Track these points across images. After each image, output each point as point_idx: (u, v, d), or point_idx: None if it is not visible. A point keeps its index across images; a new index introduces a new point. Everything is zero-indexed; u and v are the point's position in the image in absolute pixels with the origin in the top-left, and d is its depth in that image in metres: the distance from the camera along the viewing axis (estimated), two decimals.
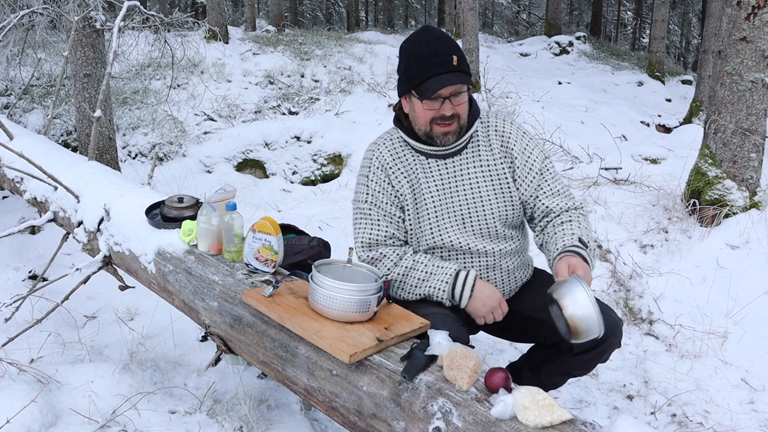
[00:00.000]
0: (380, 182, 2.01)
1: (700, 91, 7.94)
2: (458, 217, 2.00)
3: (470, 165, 2.01)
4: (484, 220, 2.00)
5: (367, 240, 2.01)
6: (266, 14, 19.89)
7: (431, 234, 2.01)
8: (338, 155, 6.14)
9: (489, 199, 2.00)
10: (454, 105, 1.89)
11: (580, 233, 1.93)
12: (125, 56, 5.93)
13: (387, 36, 12.08)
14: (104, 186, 2.94)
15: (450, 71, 1.86)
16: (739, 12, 3.58)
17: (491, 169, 2.01)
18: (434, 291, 1.96)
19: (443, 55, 1.86)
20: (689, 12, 25.44)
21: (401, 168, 2.01)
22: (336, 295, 1.77)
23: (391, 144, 2.04)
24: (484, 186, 2.00)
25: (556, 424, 1.43)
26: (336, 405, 1.75)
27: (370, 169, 2.03)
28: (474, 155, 2.01)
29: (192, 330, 2.94)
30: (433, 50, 1.87)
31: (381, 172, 2.01)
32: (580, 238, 1.89)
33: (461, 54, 1.90)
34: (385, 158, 2.02)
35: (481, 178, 2.00)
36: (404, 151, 2.02)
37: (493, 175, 2.01)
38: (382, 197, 2.01)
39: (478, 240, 2.01)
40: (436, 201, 2.00)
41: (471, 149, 2.02)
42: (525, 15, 26.25)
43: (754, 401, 2.65)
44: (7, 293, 3.25)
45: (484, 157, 2.01)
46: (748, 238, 3.52)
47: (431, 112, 1.90)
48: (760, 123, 3.66)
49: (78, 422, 2.19)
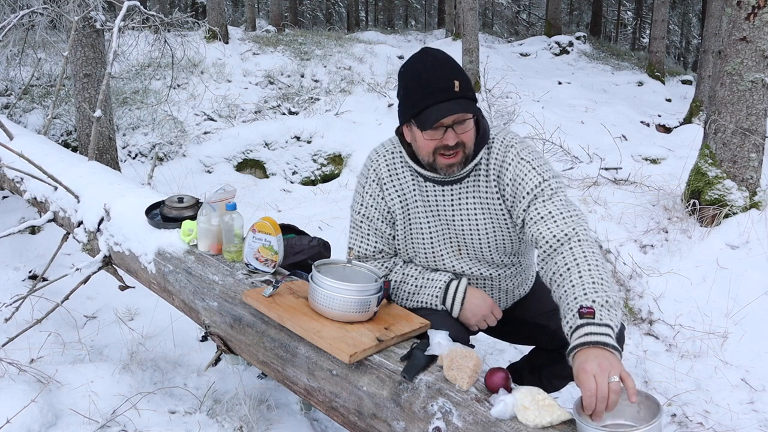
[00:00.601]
0: (374, 196, 1.95)
1: (700, 91, 7.94)
2: (453, 245, 1.94)
3: (468, 195, 1.88)
4: (480, 250, 1.93)
5: (356, 253, 1.99)
6: (266, 14, 19.89)
7: (425, 257, 1.97)
8: (338, 155, 6.14)
9: (486, 231, 1.90)
10: (458, 134, 1.74)
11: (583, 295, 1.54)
12: (125, 56, 5.93)
13: (387, 36, 12.09)
14: (104, 186, 2.94)
15: (452, 98, 1.71)
16: (739, 12, 3.58)
17: (489, 201, 1.88)
18: (426, 304, 1.94)
19: (444, 80, 1.72)
20: (689, 12, 25.45)
21: (395, 185, 1.93)
22: (336, 295, 1.77)
23: (392, 158, 1.94)
24: (482, 218, 1.89)
25: (556, 424, 1.43)
26: (336, 405, 1.75)
27: (367, 180, 1.96)
28: (474, 186, 1.88)
29: (192, 330, 2.94)
30: (432, 76, 1.73)
31: (376, 185, 1.94)
32: (581, 307, 1.51)
33: (464, 78, 1.75)
34: (382, 171, 1.93)
35: (479, 209, 1.89)
36: (403, 168, 1.92)
37: (490, 207, 1.88)
38: (374, 212, 1.95)
39: (474, 265, 1.97)
40: (432, 226, 1.93)
41: (472, 179, 1.87)
42: (525, 15, 26.24)
43: (754, 401, 2.65)
44: (7, 293, 3.25)
45: (482, 188, 1.87)
46: (748, 238, 3.52)
47: (433, 142, 1.76)
48: (760, 123, 3.66)
49: (78, 422, 2.19)
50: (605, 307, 1.51)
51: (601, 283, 1.56)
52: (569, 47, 12.48)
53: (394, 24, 23.27)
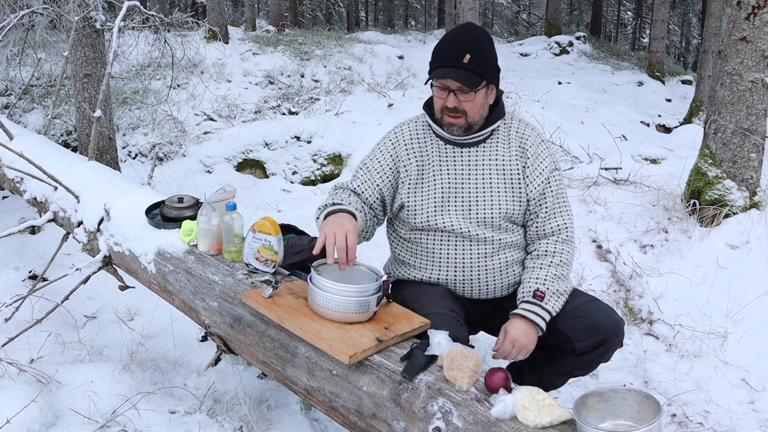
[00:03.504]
0: (385, 153, 2.11)
1: (700, 91, 7.93)
2: (465, 204, 2.04)
3: (486, 157, 2.06)
4: (489, 211, 2.03)
5: (338, 183, 2.15)
6: (266, 14, 19.90)
7: (434, 214, 2.04)
8: (338, 155, 6.14)
9: (498, 193, 2.04)
10: (461, 101, 1.95)
11: (544, 279, 1.99)
12: (125, 56, 5.91)
13: (387, 36, 12.08)
14: (104, 186, 2.94)
15: (456, 67, 1.91)
16: (739, 12, 3.58)
17: (505, 165, 2.06)
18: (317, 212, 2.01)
19: (456, 50, 1.92)
20: (689, 12, 25.44)
21: (416, 147, 2.10)
22: (335, 297, 1.77)
23: (415, 125, 2.14)
24: (496, 179, 2.05)
25: (556, 424, 1.43)
26: (336, 405, 1.75)
27: (385, 140, 2.15)
28: (491, 149, 2.07)
29: (192, 330, 2.94)
30: (450, 44, 1.96)
31: (391, 146, 2.12)
32: (537, 290, 1.96)
33: (478, 54, 1.93)
34: (404, 136, 2.12)
35: (495, 171, 2.05)
36: (425, 133, 2.11)
37: (506, 171, 2.06)
38: (377, 164, 2.10)
39: (479, 227, 2.03)
40: (446, 184, 2.05)
41: (490, 143, 2.08)
42: (525, 15, 26.26)
43: (754, 401, 2.65)
44: (7, 293, 3.25)
45: (501, 153, 2.07)
46: (748, 238, 3.52)
47: (440, 101, 1.99)
48: (760, 123, 3.66)
49: (78, 422, 2.19)
50: (555, 296, 1.98)
51: (561, 276, 2.01)
52: (569, 47, 12.47)
53: (394, 24, 23.27)
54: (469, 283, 2.08)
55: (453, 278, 2.08)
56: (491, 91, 2.03)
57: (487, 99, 2.02)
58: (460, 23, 8.43)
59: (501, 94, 2.10)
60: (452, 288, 2.10)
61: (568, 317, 1.99)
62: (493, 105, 2.06)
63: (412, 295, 2.04)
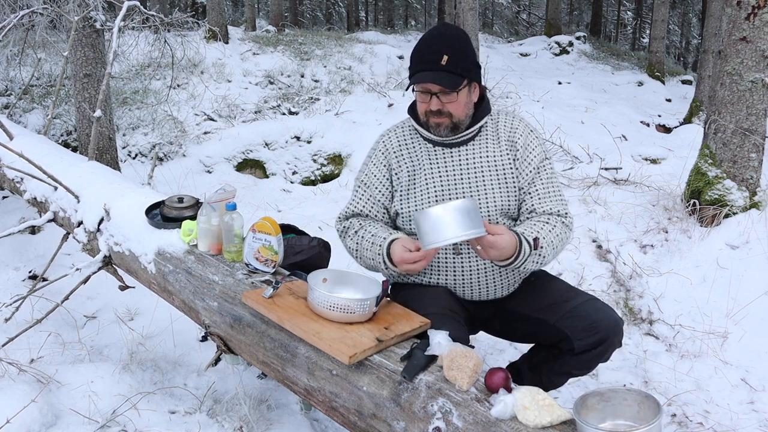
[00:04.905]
0: (378, 165, 2.11)
1: (700, 91, 7.93)
2: None
3: (476, 155, 2.05)
4: (485, 208, 2.02)
5: (344, 213, 2.14)
6: (266, 14, 19.89)
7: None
8: (338, 155, 6.14)
9: (492, 189, 2.03)
10: (444, 102, 1.94)
11: (543, 234, 1.93)
12: (125, 56, 5.91)
13: (387, 36, 12.08)
14: (104, 186, 2.94)
15: (435, 69, 1.90)
16: (739, 12, 3.58)
17: (496, 160, 2.05)
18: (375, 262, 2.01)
19: (433, 53, 1.91)
20: (689, 12, 25.44)
21: (405, 154, 2.09)
22: (335, 305, 1.78)
23: (401, 131, 2.14)
24: (488, 176, 2.03)
25: (556, 424, 1.43)
26: (336, 405, 1.75)
27: (375, 152, 2.14)
28: (481, 147, 2.06)
29: (192, 330, 2.94)
30: (426, 47, 1.95)
31: (383, 156, 2.11)
32: (536, 238, 1.90)
33: (458, 55, 1.91)
34: (392, 144, 2.12)
35: (486, 168, 2.04)
36: (413, 138, 2.11)
37: (498, 167, 2.04)
38: (373, 180, 2.11)
39: None
40: (438, 186, 2.04)
41: (478, 141, 2.07)
42: (525, 15, 26.26)
43: (754, 401, 2.65)
44: (7, 293, 3.25)
45: (490, 149, 2.06)
46: (748, 238, 3.52)
47: (424, 105, 1.99)
48: (760, 123, 3.66)
49: (78, 422, 2.19)
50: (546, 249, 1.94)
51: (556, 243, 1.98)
52: (569, 47, 12.47)
53: (394, 24, 23.28)
54: (468, 286, 2.08)
55: (453, 282, 2.08)
56: (474, 89, 2.01)
57: (470, 97, 2.00)
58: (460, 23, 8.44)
59: (485, 91, 2.08)
60: (452, 290, 2.10)
61: (567, 316, 1.99)
62: (478, 102, 2.05)
63: (412, 296, 2.04)
